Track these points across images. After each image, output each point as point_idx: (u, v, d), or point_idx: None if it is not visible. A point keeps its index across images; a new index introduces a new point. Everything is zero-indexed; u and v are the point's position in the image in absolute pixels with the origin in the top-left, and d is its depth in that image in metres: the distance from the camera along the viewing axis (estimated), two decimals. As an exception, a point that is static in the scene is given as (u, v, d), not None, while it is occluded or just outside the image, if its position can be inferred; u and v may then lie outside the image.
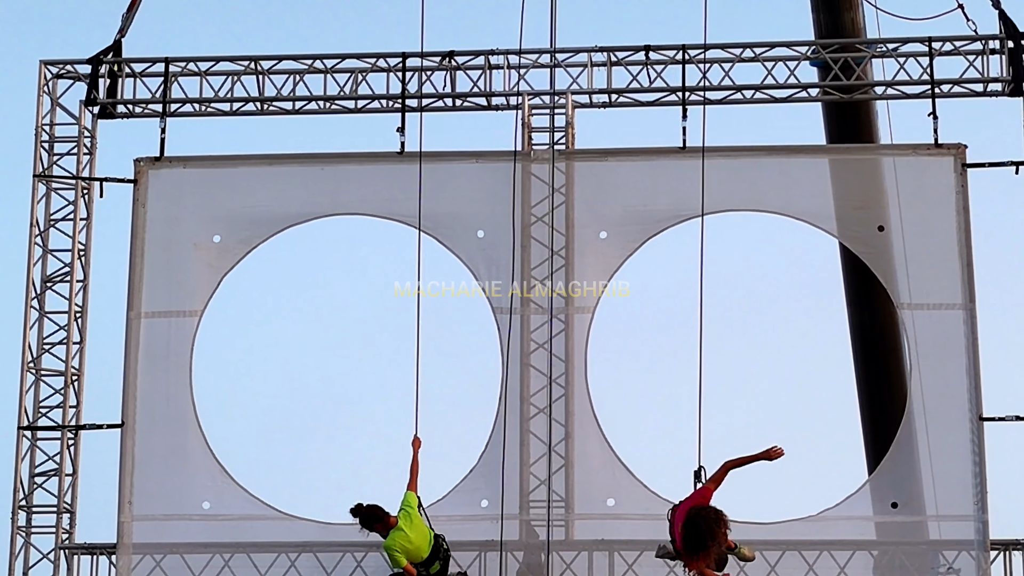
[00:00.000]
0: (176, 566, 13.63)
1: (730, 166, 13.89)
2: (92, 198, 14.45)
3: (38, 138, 14.36)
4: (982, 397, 13.52)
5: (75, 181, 14.33)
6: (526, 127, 14.37)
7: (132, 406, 13.90)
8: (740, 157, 14.03)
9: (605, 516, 13.72)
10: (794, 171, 14.24)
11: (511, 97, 14.48)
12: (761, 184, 14.15)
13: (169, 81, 14.49)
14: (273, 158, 14.54)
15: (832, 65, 14.14)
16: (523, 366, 13.91)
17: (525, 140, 14.30)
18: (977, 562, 13.25)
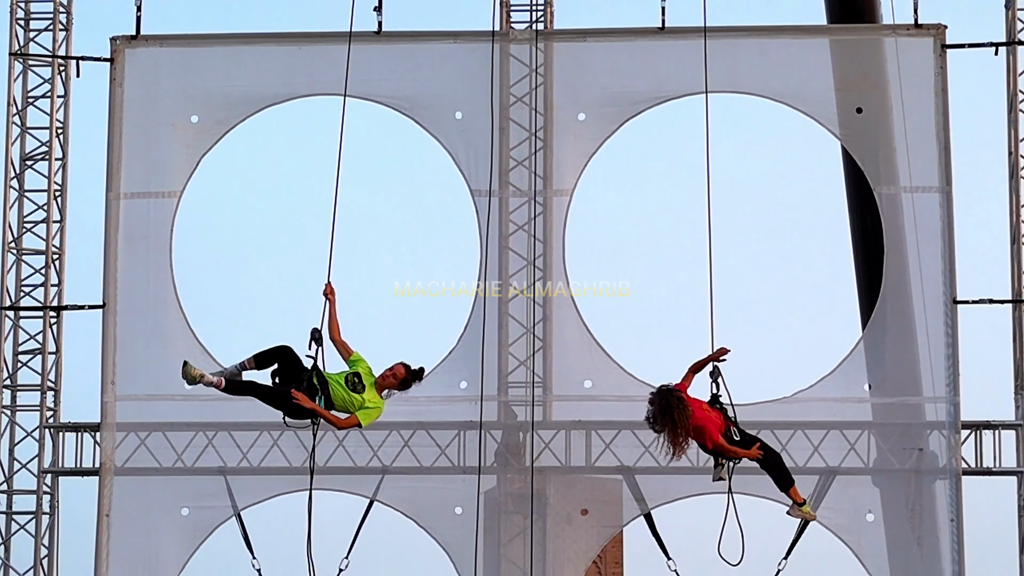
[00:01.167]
0: (159, 445, 13.80)
1: (708, 48, 13.74)
2: (69, 76, 14.24)
3: (13, 15, 14.13)
4: (956, 281, 13.53)
5: (52, 59, 14.14)
6: (504, 6, 14.07)
7: (113, 287, 13.88)
8: (720, 38, 13.71)
9: (582, 397, 13.83)
10: (773, 53, 13.97)
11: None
12: (739, 66, 13.91)
13: (144, -43, 14.30)
14: (250, 37, 14.32)
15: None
16: (501, 249, 13.89)
17: (504, 20, 14.03)
18: (948, 442, 13.38)
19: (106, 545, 13.79)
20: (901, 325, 13.71)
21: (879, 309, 13.72)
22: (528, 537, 13.60)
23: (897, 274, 13.68)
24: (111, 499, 13.85)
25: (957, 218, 13.60)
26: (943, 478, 13.40)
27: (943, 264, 13.49)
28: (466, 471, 13.59)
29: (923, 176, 13.62)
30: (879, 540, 13.59)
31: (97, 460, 13.92)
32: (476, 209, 14.02)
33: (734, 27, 13.91)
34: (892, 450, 13.60)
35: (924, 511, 13.42)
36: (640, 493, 13.60)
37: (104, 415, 13.86)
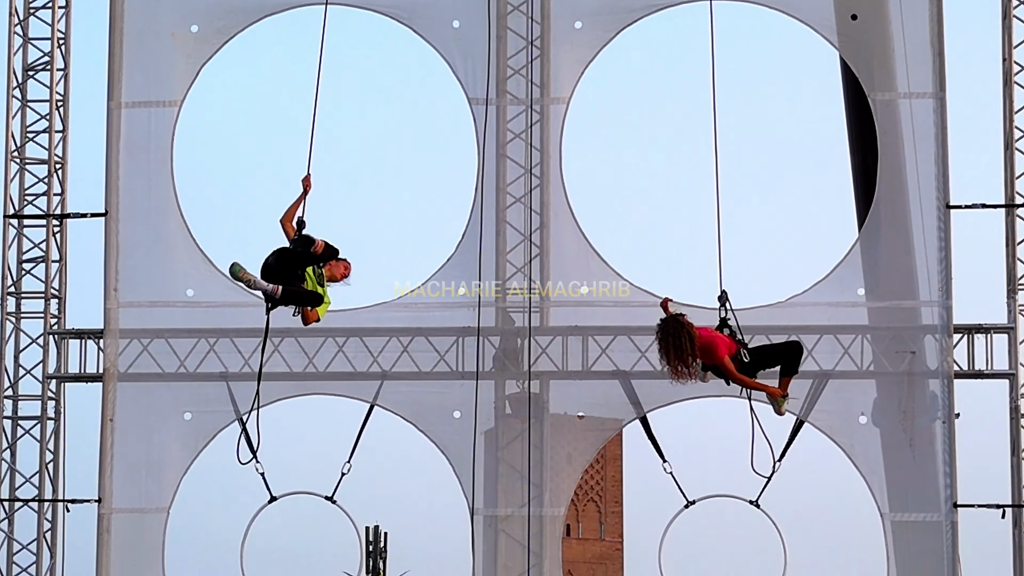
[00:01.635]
0: (162, 351, 14.00)
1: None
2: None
3: (12, -75, 14.25)
4: (950, 186, 13.60)
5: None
6: (501, -83, 14.16)
7: (115, 195, 14.05)
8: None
9: (579, 303, 13.96)
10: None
11: None
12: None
13: None
14: (250, -53, 14.44)
15: None
16: (499, 156, 14.00)
17: (500, -70, 14.12)
18: (941, 345, 13.50)
19: (110, 450, 14.05)
20: (895, 230, 13.84)
21: (873, 214, 13.83)
22: (526, 441, 13.80)
23: (892, 180, 13.79)
24: (115, 404, 14.11)
25: (951, 124, 13.71)
26: (934, 378, 13.56)
27: (936, 169, 13.58)
28: (464, 376, 13.77)
29: (918, 82, 13.69)
30: (872, 442, 13.79)
31: (101, 366, 14.17)
32: (473, 117, 14.10)
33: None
34: (885, 353, 13.75)
35: (916, 413, 13.59)
36: (636, 397, 13.76)
37: (107, 322, 14.08)
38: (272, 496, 13.89)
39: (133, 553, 14.24)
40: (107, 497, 14.08)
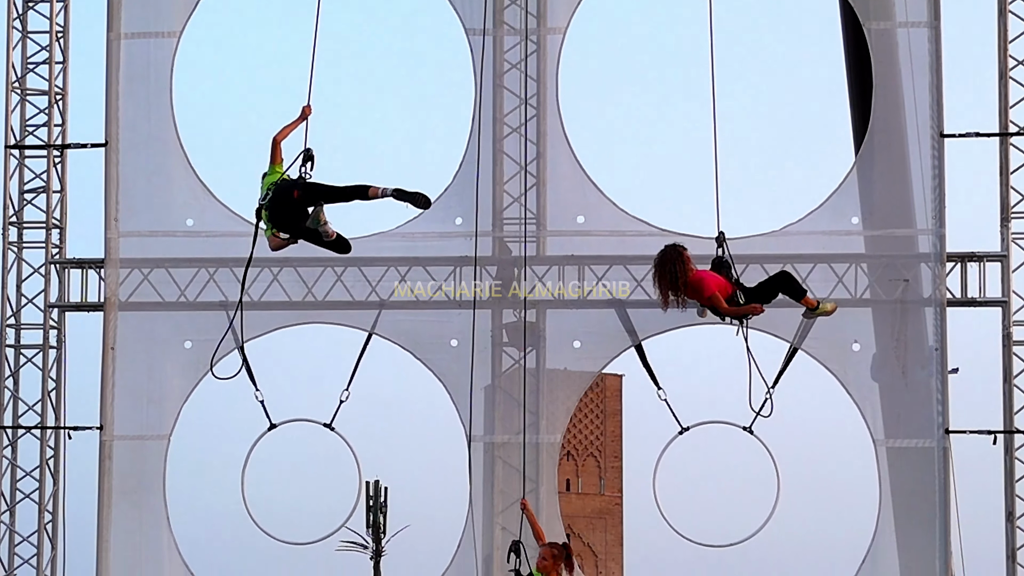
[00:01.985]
0: (162, 280, 14.07)
1: None
2: None
3: None
4: (944, 115, 13.60)
5: None
6: None
7: (115, 126, 14.09)
8: None
9: (575, 232, 14.03)
10: None
11: None
12: None
13: None
14: None
15: None
16: (496, 87, 13.98)
17: None
18: (934, 273, 13.55)
19: (111, 378, 14.14)
20: (890, 159, 13.83)
21: (867, 143, 13.83)
22: (522, 369, 13.91)
23: (887, 109, 13.76)
24: (116, 333, 14.18)
25: (946, 54, 13.62)
26: (929, 306, 13.61)
27: (931, 99, 13.55)
28: (461, 305, 13.83)
29: (913, 11, 13.65)
30: (864, 369, 13.86)
31: (102, 295, 14.22)
32: (470, 48, 14.04)
33: None
34: (879, 281, 13.81)
35: (909, 341, 13.63)
36: (631, 325, 13.83)
37: (108, 251, 14.17)
38: (272, 424, 13.93)
39: (134, 480, 14.34)
40: (108, 424, 14.19)
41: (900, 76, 13.86)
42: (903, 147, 13.89)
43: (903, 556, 13.78)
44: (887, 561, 13.77)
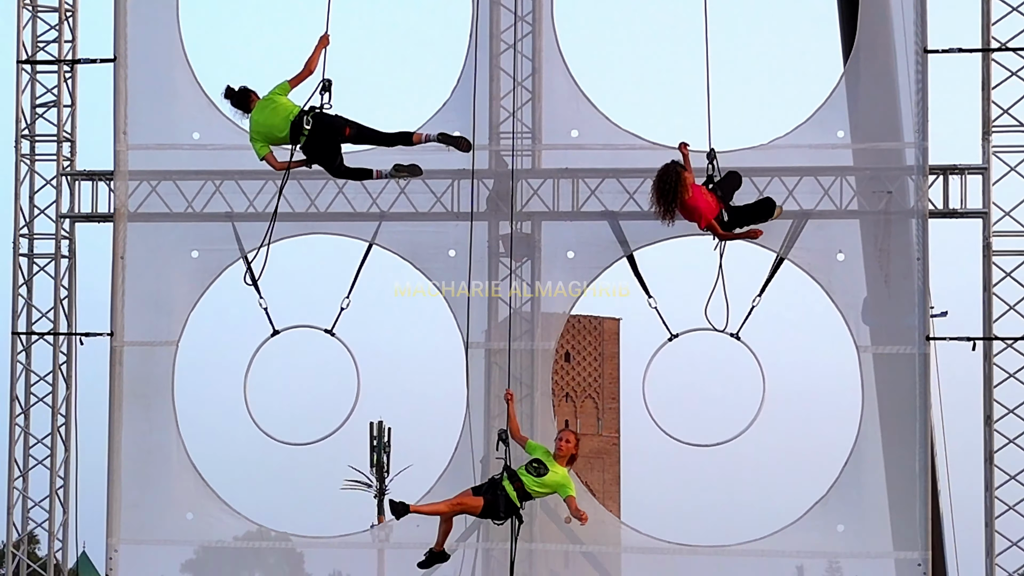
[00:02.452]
0: (170, 191, 14.57)
1: None
2: None
3: None
4: (928, 30, 13.86)
5: None
6: None
7: (123, 42, 14.50)
8: None
9: (569, 146, 14.43)
10: None
11: None
12: None
13: None
14: None
15: None
16: (492, 3, 14.28)
17: None
18: (917, 185, 13.90)
19: (121, 286, 14.68)
20: (876, 74, 14.14)
21: (854, 59, 14.16)
22: (518, 279, 14.44)
23: (872, 25, 14.08)
24: (125, 243, 14.74)
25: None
26: (913, 217, 13.96)
27: (915, 15, 13.82)
28: (459, 217, 14.21)
29: None
30: (848, 278, 14.32)
31: (111, 206, 14.72)
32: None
33: None
34: (863, 194, 14.21)
35: (892, 251, 14.04)
36: (623, 236, 14.26)
37: (117, 164, 14.66)
38: (275, 330, 14.42)
39: (143, 384, 14.92)
40: (119, 331, 14.75)
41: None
42: (889, 62, 14.18)
43: (887, 457, 14.25)
44: (871, 462, 14.29)
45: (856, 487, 14.34)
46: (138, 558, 14.83)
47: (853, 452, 14.24)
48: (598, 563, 14.66)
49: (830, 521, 14.31)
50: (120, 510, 14.89)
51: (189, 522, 14.85)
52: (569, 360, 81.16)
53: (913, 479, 14.14)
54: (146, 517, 14.88)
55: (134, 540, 14.80)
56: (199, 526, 14.88)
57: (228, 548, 15.12)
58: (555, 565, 14.76)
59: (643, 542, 14.96)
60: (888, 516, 14.33)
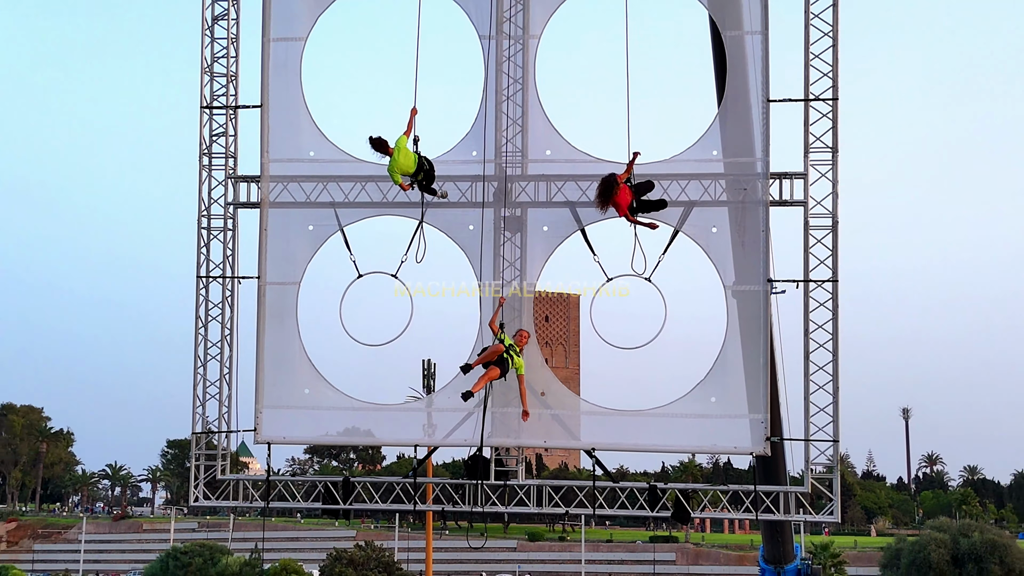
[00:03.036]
0: (295, 188, 21.15)
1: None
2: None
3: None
4: (770, 86, 20.02)
5: None
6: None
7: (266, 94, 21.00)
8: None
9: (544, 160, 20.93)
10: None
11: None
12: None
13: None
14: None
15: None
16: (498, 72, 20.79)
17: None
18: (762, 185, 20.28)
19: (265, 247, 21.04)
20: (737, 114, 20.37)
21: (723, 103, 20.61)
22: (513, 243, 20.88)
23: (736, 82, 20.45)
24: (267, 221, 21.07)
25: (772, 48, 20.24)
26: (760, 205, 20.25)
27: (763, 76, 20.08)
28: (476, 204, 20.59)
29: (752, 23, 20.22)
30: (719, 244, 20.55)
31: (259, 198, 21.10)
32: (483, 50, 20.67)
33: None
34: (729, 190, 20.50)
35: (747, 226, 20.39)
36: (579, 217, 20.62)
37: (262, 171, 21.10)
38: (359, 273, 20.68)
39: (278, 308, 21.08)
40: (263, 275, 20.99)
41: (746, 63, 20.30)
42: (746, 106, 20.31)
43: (744, 354, 20.29)
44: (733, 357, 20.38)
45: (723, 373, 20.36)
46: (274, 419, 21.12)
47: (721, 351, 20.40)
48: (563, 423, 20.84)
49: (707, 394, 20.38)
50: (264, 387, 21.00)
51: (306, 395, 21.01)
52: (548, 321, 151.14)
53: (759, 368, 20.16)
54: (279, 392, 21.02)
55: (272, 406, 21.01)
56: (312, 397, 21.01)
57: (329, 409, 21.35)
58: (535, 425, 20.31)
59: (592, 409, 21.07)
60: (744, 391, 20.29)
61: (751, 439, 20.38)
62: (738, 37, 20.79)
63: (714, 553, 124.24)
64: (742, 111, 20.71)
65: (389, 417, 21.40)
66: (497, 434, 20.71)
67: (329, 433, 21.79)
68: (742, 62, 20.70)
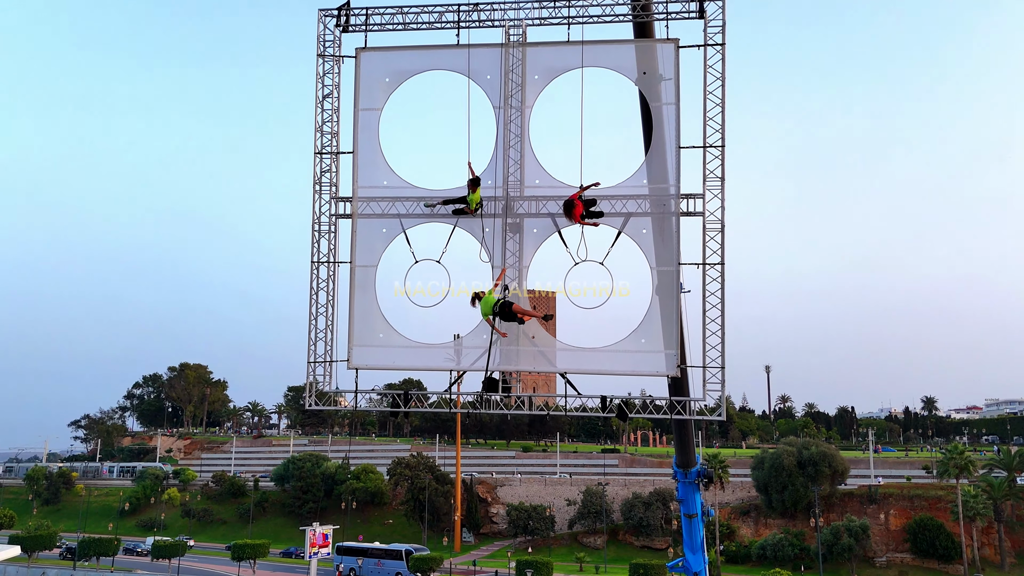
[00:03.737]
0: (375, 206, 32.20)
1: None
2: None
3: None
4: (680, 136, 29.99)
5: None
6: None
7: (356, 143, 31.02)
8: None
9: (534, 187, 30.79)
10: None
11: None
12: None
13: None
14: None
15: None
16: (506, 131, 31.92)
17: None
18: (675, 202, 31.12)
19: (355, 242, 31.06)
20: (659, 157, 29.69)
21: (650, 151, 30.87)
22: (513, 240, 31.65)
23: (659, 135, 30.30)
24: (356, 226, 31.12)
25: (683, 108, 31.21)
26: (674, 215, 29.98)
27: (676, 130, 29.97)
28: (490, 215, 30.62)
29: (668, 97, 31.05)
30: (647, 241, 30.17)
31: (353, 211, 31.13)
32: (496, 119, 30.89)
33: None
34: (653, 206, 30.08)
35: (665, 230, 30.02)
36: (557, 224, 30.47)
37: (353, 193, 31.11)
38: (416, 260, 30.72)
39: (362, 282, 30.96)
40: (353, 261, 30.92)
41: (664, 121, 29.82)
42: (664, 151, 29.80)
43: (662, 311, 30.10)
44: (654, 312, 30.01)
45: (649, 323, 29.97)
46: (360, 353, 30.95)
47: (648, 309, 30.03)
48: (545, 356, 30.71)
49: (639, 337, 29.93)
50: (354, 333, 30.99)
51: (380, 338, 30.85)
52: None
53: (672, 320, 29.74)
54: (364, 335, 30.92)
55: (358, 345, 30.88)
56: (384, 339, 30.95)
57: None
58: (527, 357, 30.83)
59: (564, 347, 30.67)
60: (662, 335, 29.94)
61: (667, 366, 30.54)
62: (658, 106, 30.62)
63: (643, 459, 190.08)
64: (662, 153, 30.51)
65: (433, 352, 32.20)
66: (503, 363, 31.28)
67: (395, 362, 32.63)
68: (661, 121, 30.60)
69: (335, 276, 32.11)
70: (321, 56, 32.19)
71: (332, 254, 31.98)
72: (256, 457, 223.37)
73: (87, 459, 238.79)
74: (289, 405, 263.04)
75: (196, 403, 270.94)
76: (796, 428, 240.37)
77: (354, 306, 31.73)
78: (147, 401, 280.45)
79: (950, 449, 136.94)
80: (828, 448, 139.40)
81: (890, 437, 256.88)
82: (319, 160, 31.98)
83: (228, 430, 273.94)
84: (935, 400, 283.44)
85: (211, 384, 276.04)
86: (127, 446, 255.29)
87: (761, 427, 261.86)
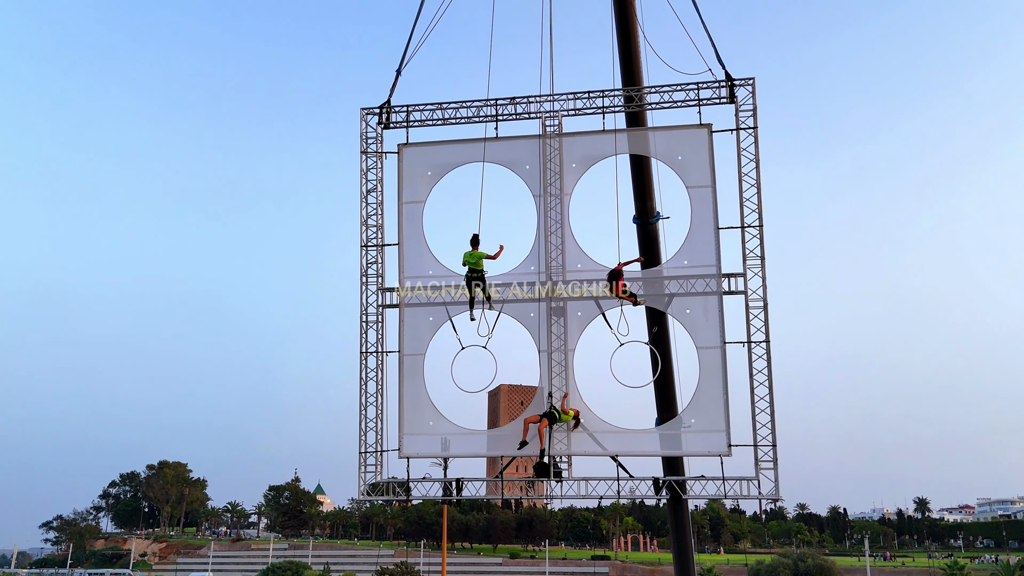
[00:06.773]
0: (420, 295, 30.32)
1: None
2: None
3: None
4: (719, 217, 27.91)
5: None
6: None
7: (401, 235, 28.89)
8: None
9: (576, 271, 28.63)
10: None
11: None
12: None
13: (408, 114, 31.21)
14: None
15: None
16: (548, 218, 30.25)
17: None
18: (718, 281, 29.17)
19: (401, 332, 29.08)
20: (703, 236, 28.82)
21: (689, 231, 29.90)
22: (559, 324, 29.92)
23: (699, 214, 29.62)
24: (403, 315, 28.91)
25: (720, 192, 29.73)
26: (716, 295, 27.93)
27: (714, 212, 27.67)
28: (535, 299, 28.99)
29: (702, 179, 29.42)
30: (692, 321, 27.76)
31: (398, 300, 29.10)
32: (536, 207, 29.79)
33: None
34: (697, 286, 27.89)
35: (708, 310, 27.96)
36: (600, 306, 28.50)
37: (400, 283, 28.92)
38: (462, 346, 28.26)
39: (411, 370, 28.65)
40: (402, 350, 28.63)
41: (703, 204, 27.72)
42: (705, 232, 27.70)
43: (708, 392, 28.06)
44: (703, 395, 27.55)
45: (696, 403, 27.66)
46: (411, 441, 28.54)
47: (695, 392, 27.55)
48: (595, 439, 28.20)
49: (688, 417, 27.68)
50: (404, 420, 28.62)
51: (431, 426, 28.41)
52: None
53: (720, 399, 27.86)
54: (414, 423, 28.51)
55: (409, 433, 28.50)
56: (435, 427, 28.51)
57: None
58: (577, 440, 28.47)
59: (613, 429, 28.39)
60: (710, 415, 27.66)
61: (718, 446, 28.15)
62: (697, 189, 28.59)
63: (635, 568, 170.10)
64: (702, 235, 28.45)
65: (481, 439, 30.31)
66: (553, 447, 29.33)
67: (447, 449, 30.71)
68: (701, 204, 28.63)
69: (383, 365, 29.98)
70: (364, 152, 30.32)
71: (380, 344, 29.90)
72: (234, 562, 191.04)
73: (56, 564, 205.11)
74: (270, 505, 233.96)
75: (174, 503, 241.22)
76: (789, 531, 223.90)
77: (404, 395, 29.53)
78: (123, 501, 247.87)
79: (950, 564, 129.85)
80: (825, 561, 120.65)
81: (884, 542, 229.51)
82: (365, 252, 30.01)
83: (206, 531, 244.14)
84: (927, 501, 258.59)
85: (189, 483, 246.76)
86: (99, 549, 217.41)
87: (752, 529, 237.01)
